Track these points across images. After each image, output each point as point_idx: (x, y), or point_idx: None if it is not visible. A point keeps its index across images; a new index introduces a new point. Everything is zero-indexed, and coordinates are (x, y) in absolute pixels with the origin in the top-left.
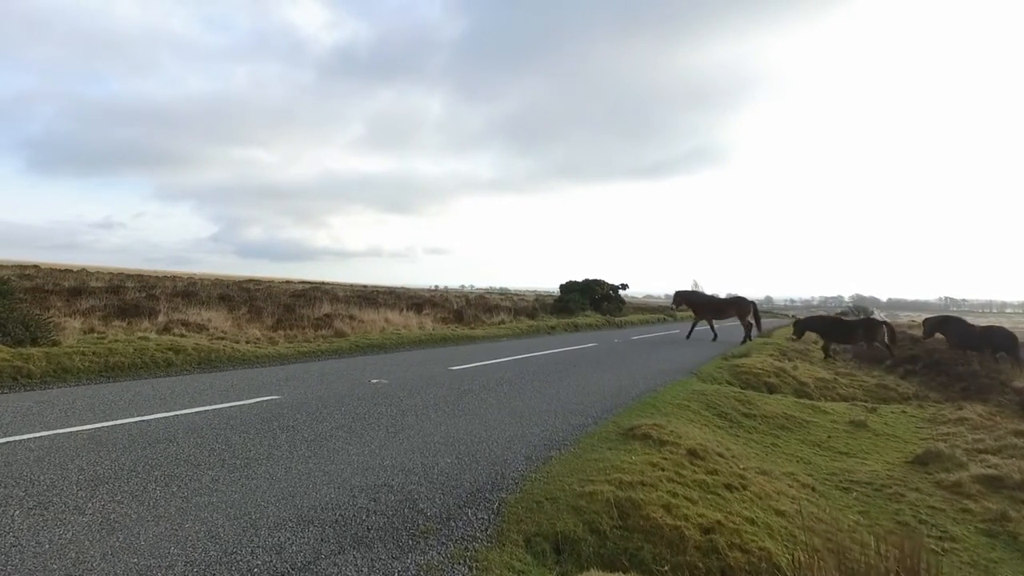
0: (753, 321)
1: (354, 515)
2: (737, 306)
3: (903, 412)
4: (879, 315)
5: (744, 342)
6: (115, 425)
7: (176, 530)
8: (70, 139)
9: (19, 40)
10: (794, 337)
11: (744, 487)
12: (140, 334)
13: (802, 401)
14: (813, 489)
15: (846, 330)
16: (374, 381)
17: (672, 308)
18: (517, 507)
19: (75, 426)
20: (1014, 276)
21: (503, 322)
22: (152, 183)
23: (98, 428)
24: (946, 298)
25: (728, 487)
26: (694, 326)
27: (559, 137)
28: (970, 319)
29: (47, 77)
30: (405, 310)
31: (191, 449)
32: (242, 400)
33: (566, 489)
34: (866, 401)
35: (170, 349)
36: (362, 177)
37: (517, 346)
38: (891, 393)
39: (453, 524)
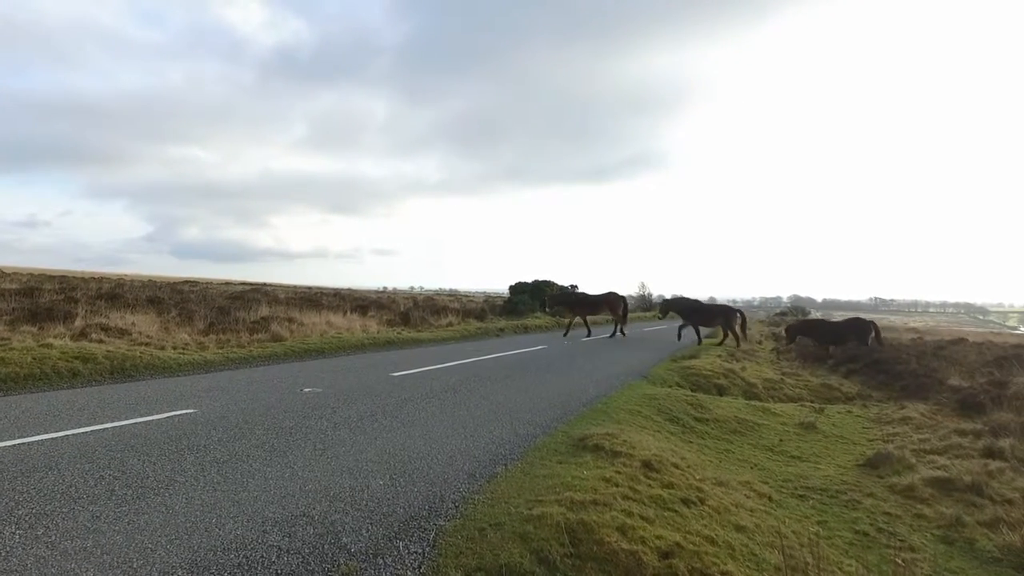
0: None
1: (262, 556)
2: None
3: (849, 412)
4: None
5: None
6: None
7: None
8: None
9: None
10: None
11: (702, 501)
12: (50, 340)
13: (752, 403)
14: (770, 499)
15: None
16: (307, 390)
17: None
18: (456, 536)
19: None
20: (937, 277)
21: (451, 324)
22: (81, 180)
23: None
24: (876, 298)
25: (685, 502)
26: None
27: (504, 141)
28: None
29: None
30: (349, 312)
31: (75, 478)
32: (151, 415)
33: (512, 512)
34: (812, 401)
35: (77, 357)
36: (305, 177)
37: (465, 349)
38: (835, 393)
39: (381, 561)
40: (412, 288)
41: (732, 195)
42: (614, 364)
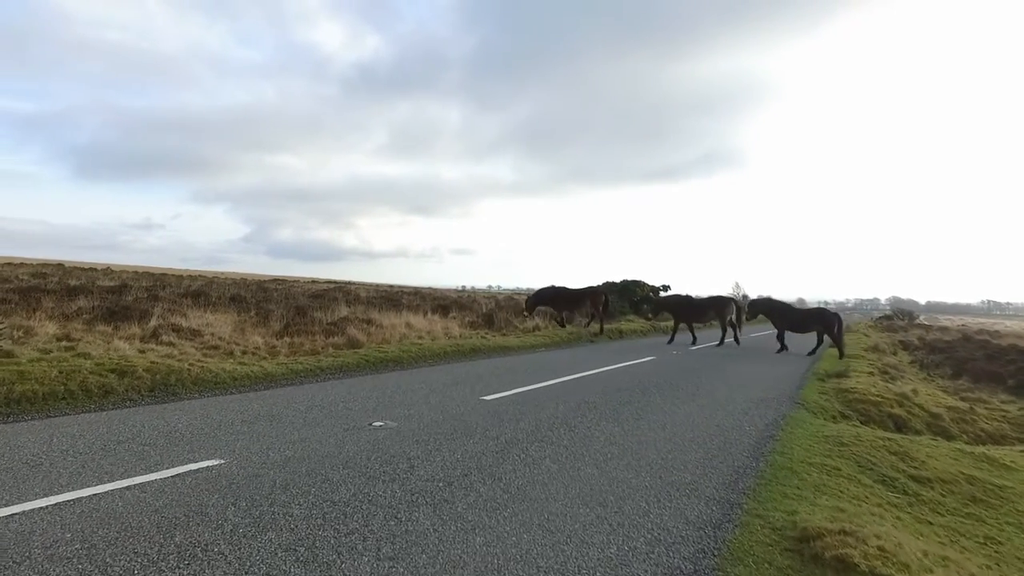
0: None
1: None
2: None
3: None
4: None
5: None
6: None
7: None
8: (113, 147)
9: (70, 58)
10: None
11: None
12: (117, 342)
13: (963, 448)
14: None
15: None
16: (377, 424)
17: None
18: None
19: None
20: None
21: (538, 328)
22: (188, 187)
23: None
24: (988, 301)
25: None
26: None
27: (571, 143)
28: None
29: (94, 91)
30: (430, 313)
31: None
32: (157, 470)
33: None
34: None
35: (113, 370)
36: (386, 181)
37: (560, 360)
38: None
39: None
40: (490, 287)
41: (818, 191)
42: (749, 383)
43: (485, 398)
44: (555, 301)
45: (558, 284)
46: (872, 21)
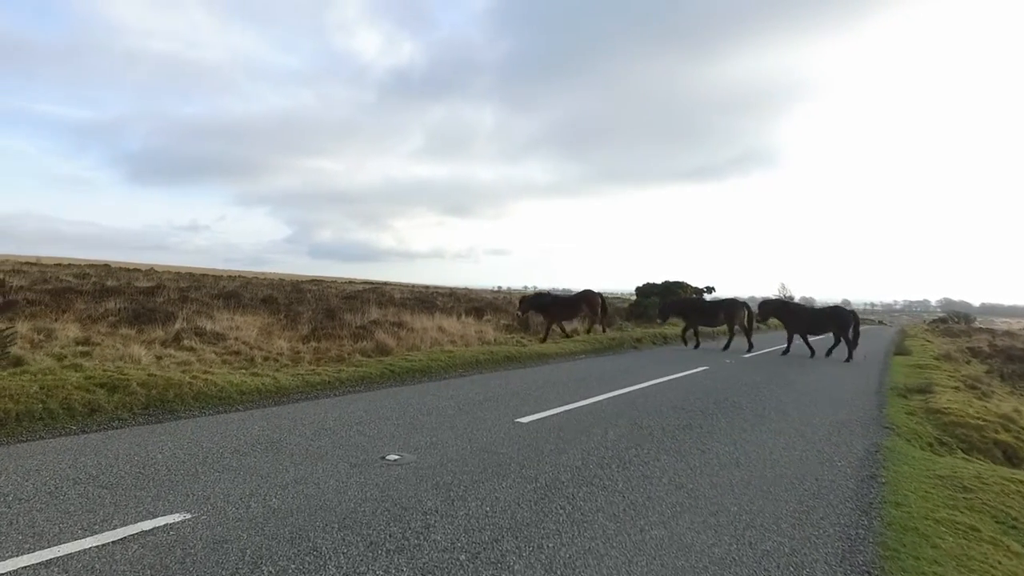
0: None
1: None
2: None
3: None
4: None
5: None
6: None
7: None
8: (161, 152)
9: (122, 70)
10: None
11: None
12: (133, 347)
13: None
14: None
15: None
16: (391, 458)
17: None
18: None
19: None
20: None
21: (576, 331)
22: (232, 190)
23: None
24: None
25: None
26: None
27: (604, 144)
28: None
29: (143, 100)
30: (463, 315)
31: None
32: (100, 533)
33: None
34: None
35: (103, 385)
36: (422, 182)
37: (603, 369)
38: None
39: None
40: (526, 288)
41: (860, 190)
42: (818, 400)
43: (521, 420)
44: (550, 310)
45: (555, 291)
46: (918, 15)
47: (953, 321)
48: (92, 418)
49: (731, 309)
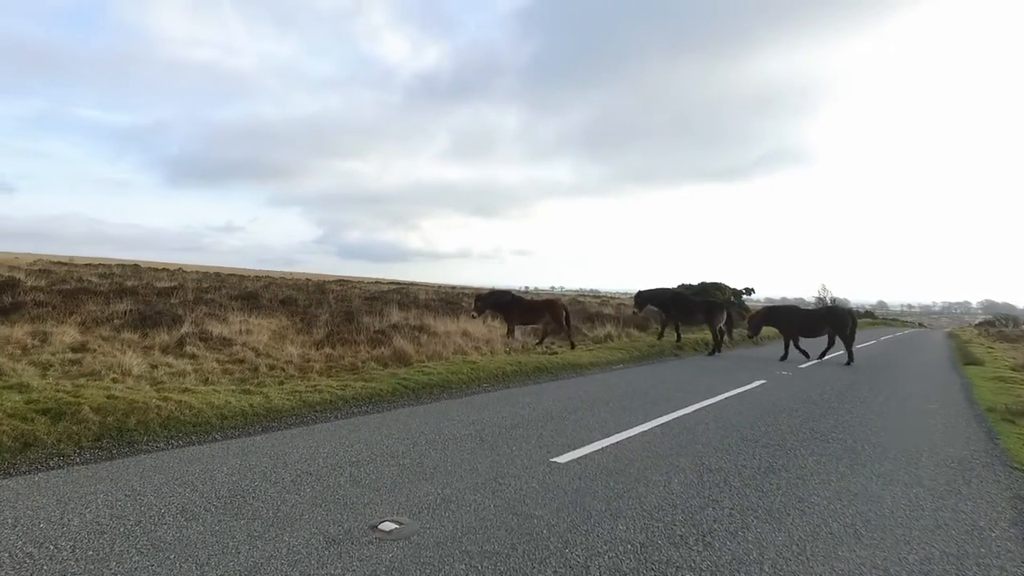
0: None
1: None
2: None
3: None
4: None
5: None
6: None
7: None
8: (198, 156)
9: (163, 78)
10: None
11: None
12: (134, 353)
13: None
14: None
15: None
16: (385, 527)
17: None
18: None
19: None
20: None
21: (610, 337)
22: (265, 192)
23: None
24: None
25: None
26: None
27: (629, 144)
28: None
29: (181, 106)
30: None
31: None
32: None
33: None
34: None
35: (48, 411)
36: (449, 184)
37: (647, 383)
38: None
39: None
40: (552, 288)
41: (896, 190)
42: (916, 427)
43: (558, 460)
44: (509, 311)
45: (518, 291)
46: (948, 10)
47: (1000, 323)
48: (23, 455)
49: (711, 310)
